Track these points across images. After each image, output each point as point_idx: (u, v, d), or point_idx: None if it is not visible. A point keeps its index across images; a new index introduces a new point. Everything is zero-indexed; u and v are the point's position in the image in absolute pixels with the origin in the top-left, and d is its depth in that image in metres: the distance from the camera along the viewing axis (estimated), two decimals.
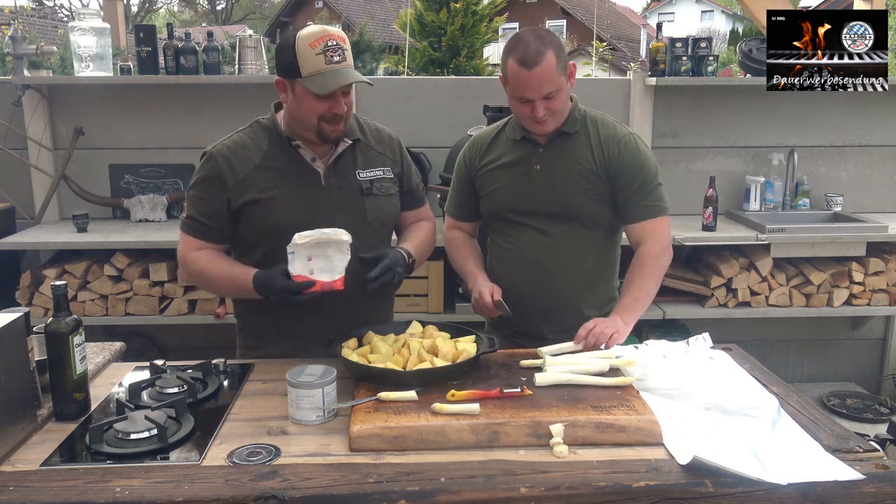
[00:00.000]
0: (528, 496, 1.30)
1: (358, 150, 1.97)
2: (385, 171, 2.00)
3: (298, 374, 1.57)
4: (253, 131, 1.94)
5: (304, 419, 1.55)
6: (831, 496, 1.31)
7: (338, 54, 1.77)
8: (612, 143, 2.01)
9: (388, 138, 2.06)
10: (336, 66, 1.77)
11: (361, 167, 1.96)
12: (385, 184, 1.99)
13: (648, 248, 2.01)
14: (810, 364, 4.02)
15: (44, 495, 1.29)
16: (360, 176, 1.95)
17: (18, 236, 3.36)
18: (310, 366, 1.61)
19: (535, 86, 1.87)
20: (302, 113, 1.83)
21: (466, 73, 10.80)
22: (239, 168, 1.88)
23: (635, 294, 1.97)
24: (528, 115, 1.94)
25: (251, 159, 1.89)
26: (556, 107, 1.93)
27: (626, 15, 31.64)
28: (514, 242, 2.09)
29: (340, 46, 1.78)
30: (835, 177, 3.85)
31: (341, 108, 1.82)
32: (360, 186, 1.94)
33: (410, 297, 3.33)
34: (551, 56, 1.85)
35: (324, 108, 1.80)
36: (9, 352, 1.41)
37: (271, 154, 1.90)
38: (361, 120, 2.05)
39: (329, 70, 1.77)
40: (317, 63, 1.76)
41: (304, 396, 1.54)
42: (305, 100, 1.80)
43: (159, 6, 32.19)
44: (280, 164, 1.90)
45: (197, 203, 1.91)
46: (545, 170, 2.03)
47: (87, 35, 3.45)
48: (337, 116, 1.82)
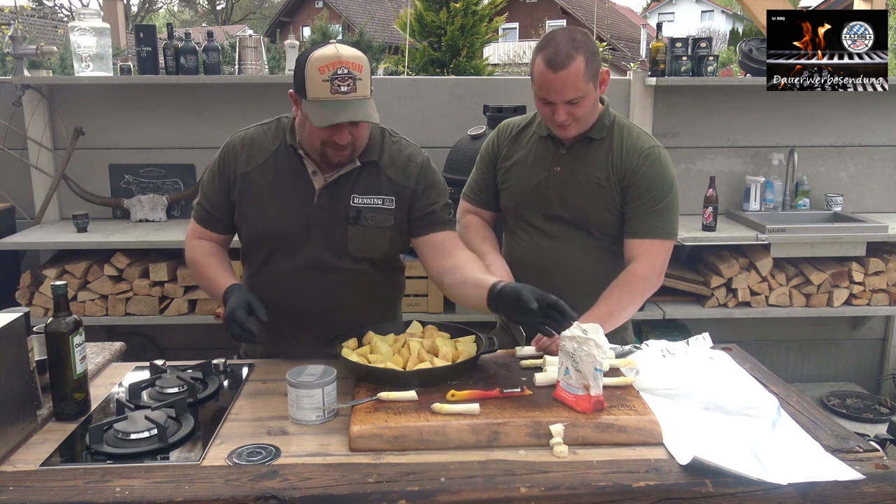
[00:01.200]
0: (528, 496, 1.30)
1: (364, 172, 1.84)
2: (385, 201, 1.84)
3: (298, 374, 1.57)
4: (272, 128, 1.89)
5: (305, 419, 1.55)
6: (831, 496, 1.31)
7: (346, 84, 1.64)
8: (632, 155, 1.94)
9: (405, 161, 1.87)
10: (342, 96, 1.65)
11: (359, 192, 1.83)
12: (378, 215, 1.83)
13: (638, 268, 1.92)
14: (810, 364, 4.02)
15: (44, 495, 1.29)
16: (353, 202, 1.82)
17: (18, 236, 3.36)
18: (310, 366, 1.61)
19: (558, 89, 1.81)
20: (305, 134, 1.77)
21: (466, 73, 10.80)
22: (246, 162, 1.86)
23: (610, 307, 1.87)
24: (549, 117, 1.89)
25: (259, 156, 1.86)
26: (580, 113, 1.86)
27: (626, 15, 31.65)
28: (521, 243, 2.07)
29: (352, 75, 1.64)
30: (835, 177, 3.85)
31: (344, 139, 1.71)
32: (347, 214, 1.83)
33: (410, 297, 3.33)
34: (580, 61, 1.79)
35: (325, 135, 1.71)
36: (9, 352, 1.41)
37: (279, 156, 1.85)
38: (388, 137, 1.89)
39: (332, 100, 1.65)
40: (321, 90, 1.65)
41: (304, 396, 1.53)
42: (308, 124, 1.71)
43: (159, 6, 32.20)
44: (283, 168, 1.85)
45: (206, 189, 1.92)
46: (564, 173, 1.98)
47: (87, 35, 3.45)
48: (339, 145, 1.73)
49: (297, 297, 1.88)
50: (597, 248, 2.01)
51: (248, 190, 1.86)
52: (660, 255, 1.95)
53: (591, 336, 1.51)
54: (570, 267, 2.01)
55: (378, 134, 1.88)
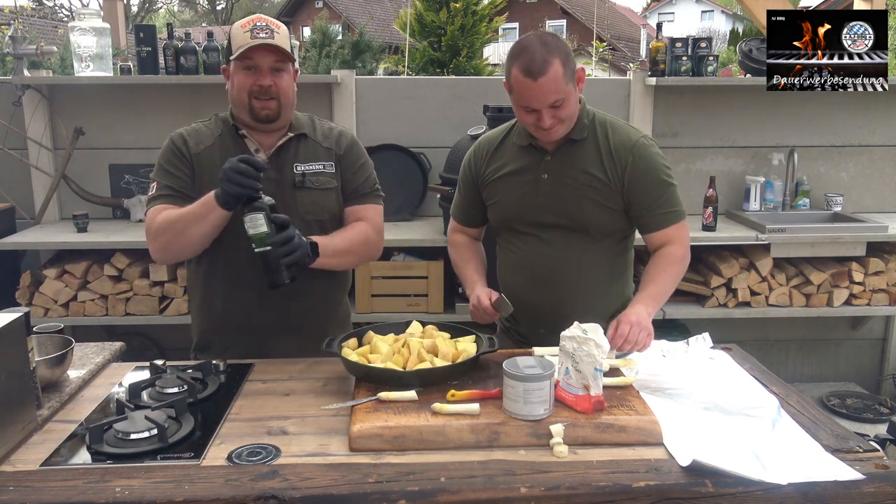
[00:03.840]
0: (528, 496, 1.30)
1: (301, 143, 2.01)
2: (326, 166, 2.01)
3: (515, 367, 1.50)
4: (211, 122, 2.04)
5: (532, 414, 1.47)
6: (831, 496, 1.31)
7: (264, 32, 1.86)
8: (623, 151, 1.93)
9: (338, 135, 2.07)
10: (261, 40, 1.85)
11: (301, 160, 1.99)
12: (322, 178, 1.99)
13: (674, 250, 1.97)
14: (810, 364, 4.02)
15: (44, 495, 1.29)
16: (296, 169, 1.98)
17: (18, 236, 3.36)
18: (518, 358, 1.54)
19: (540, 96, 1.80)
20: (235, 91, 1.92)
21: (466, 73, 10.79)
22: (194, 146, 1.97)
23: (660, 287, 1.92)
24: (533, 123, 1.88)
25: (206, 141, 1.98)
26: (564, 114, 1.86)
27: (626, 15, 31.65)
28: (519, 252, 2.05)
29: (270, 28, 1.88)
30: (835, 177, 3.85)
31: (266, 80, 1.88)
32: (293, 179, 1.97)
33: (410, 297, 3.33)
34: (558, 65, 1.78)
35: (251, 81, 1.88)
36: (9, 352, 1.41)
37: (222, 142, 1.98)
38: (317, 120, 2.09)
39: (254, 43, 1.85)
40: (244, 39, 1.86)
41: (533, 390, 1.46)
42: (236, 76, 1.90)
43: (159, 6, 32.20)
44: (228, 151, 1.93)
45: (163, 176, 1.96)
46: (553, 179, 1.97)
47: (87, 35, 3.45)
48: (264, 89, 1.88)
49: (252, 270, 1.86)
50: (597, 249, 2.00)
51: (202, 169, 1.95)
52: (685, 234, 2.01)
53: (591, 336, 1.51)
54: (571, 271, 1.99)
55: (306, 118, 2.07)
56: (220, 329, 2.03)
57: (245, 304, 1.97)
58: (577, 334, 1.52)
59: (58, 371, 1.69)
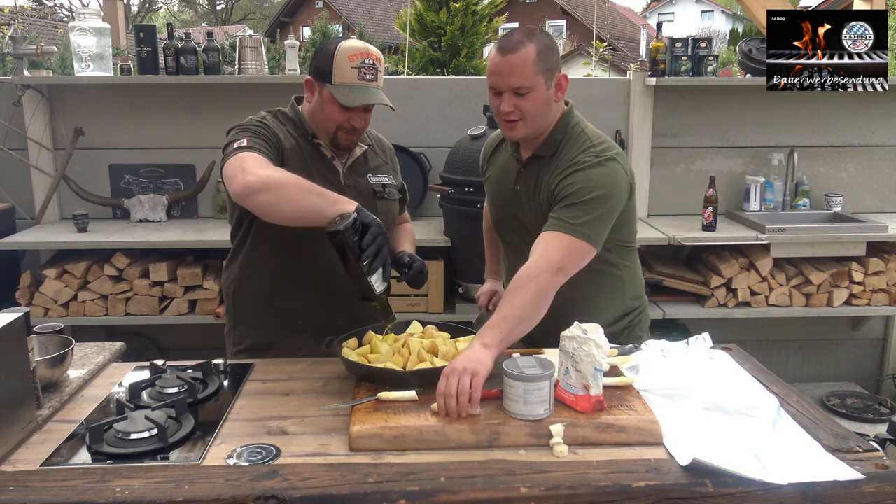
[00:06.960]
0: (528, 496, 1.30)
1: (369, 155, 2.05)
2: (390, 178, 2.08)
3: (514, 367, 1.49)
4: (278, 118, 1.96)
5: (531, 414, 1.46)
6: (831, 496, 1.31)
7: (371, 73, 1.85)
8: (566, 165, 1.82)
9: (388, 148, 2.16)
10: (367, 83, 1.85)
11: (372, 172, 2.05)
12: (391, 189, 2.07)
13: (531, 264, 1.71)
14: (810, 364, 4.02)
15: (44, 495, 1.29)
16: (370, 179, 2.03)
17: (18, 236, 3.36)
18: (518, 358, 1.54)
19: (504, 72, 1.75)
20: (323, 116, 1.90)
21: (466, 73, 10.80)
22: (284, 139, 1.89)
23: (504, 311, 1.64)
24: (497, 108, 1.82)
25: (288, 140, 1.91)
26: (526, 107, 1.78)
27: (626, 15, 31.66)
28: (508, 258, 2.06)
29: (376, 67, 1.86)
30: (835, 177, 3.85)
31: (360, 122, 1.90)
32: (373, 189, 2.02)
33: (410, 297, 3.33)
34: (531, 49, 1.74)
35: (344, 118, 1.87)
36: (9, 352, 1.41)
37: (297, 142, 1.93)
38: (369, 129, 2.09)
39: (359, 85, 1.84)
40: (350, 76, 1.83)
41: (533, 390, 1.46)
42: (329, 106, 1.87)
43: (159, 6, 32.21)
44: (305, 153, 1.93)
45: (257, 138, 1.81)
46: (523, 191, 1.93)
47: (87, 35, 3.45)
48: (354, 129, 1.90)
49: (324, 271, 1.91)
50: None
51: (287, 167, 1.81)
52: (559, 250, 1.72)
53: (590, 336, 1.51)
54: None
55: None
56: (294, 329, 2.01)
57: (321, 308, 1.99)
58: (577, 334, 1.52)
59: (58, 371, 1.69)
